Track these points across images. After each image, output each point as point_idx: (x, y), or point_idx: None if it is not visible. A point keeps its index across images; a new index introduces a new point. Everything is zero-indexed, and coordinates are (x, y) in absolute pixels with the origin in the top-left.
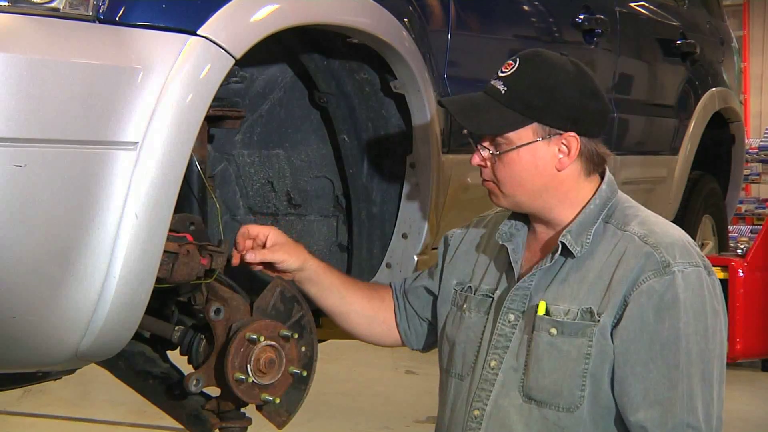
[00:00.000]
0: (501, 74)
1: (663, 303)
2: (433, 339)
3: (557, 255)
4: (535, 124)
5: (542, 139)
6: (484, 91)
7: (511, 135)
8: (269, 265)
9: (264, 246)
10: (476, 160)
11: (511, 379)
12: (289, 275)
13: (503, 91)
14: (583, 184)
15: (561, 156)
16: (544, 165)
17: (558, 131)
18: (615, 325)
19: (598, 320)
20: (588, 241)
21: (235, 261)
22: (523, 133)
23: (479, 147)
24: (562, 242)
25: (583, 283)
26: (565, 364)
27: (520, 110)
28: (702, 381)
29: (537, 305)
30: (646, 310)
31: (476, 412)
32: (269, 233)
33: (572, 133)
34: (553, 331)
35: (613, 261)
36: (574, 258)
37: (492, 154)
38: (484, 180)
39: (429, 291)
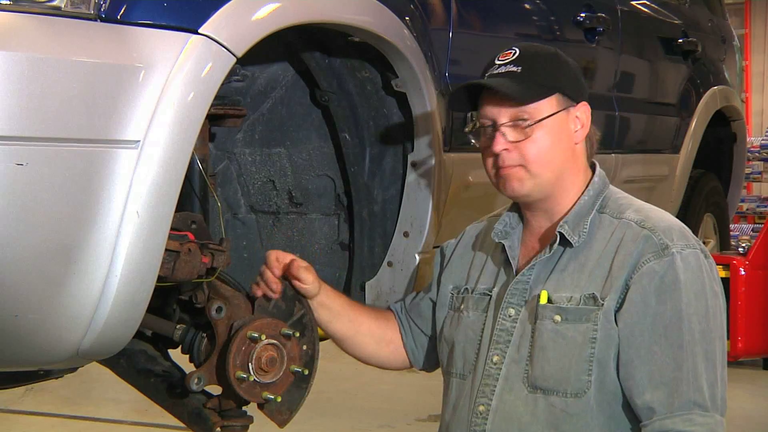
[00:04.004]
0: (506, 60)
1: (664, 284)
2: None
3: (556, 245)
4: (557, 95)
5: (563, 110)
6: (495, 75)
7: (537, 107)
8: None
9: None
10: (500, 145)
11: (514, 371)
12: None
13: (519, 70)
14: (583, 171)
15: (577, 128)
16: (566, 138)
17: (573, 102)
18: (618, 309)
19: (602, 304)
20: (585, 230)
21: (261, 291)
22: (547, 105)
23: (501, 131)
24: (560, 232)
25: (583, 271)
26: (571, 350)
27: (543, 82)
28: (705, 360)
29: (538, 296)
30: (648, 293)
31: (481, 408)
32: (294, 257)
33: (584, 103)
34: (557, 318)
35: (611, 248)
36: (572, 248)
37: (528, 125)
38: (507, 166)
39: (432, 302)
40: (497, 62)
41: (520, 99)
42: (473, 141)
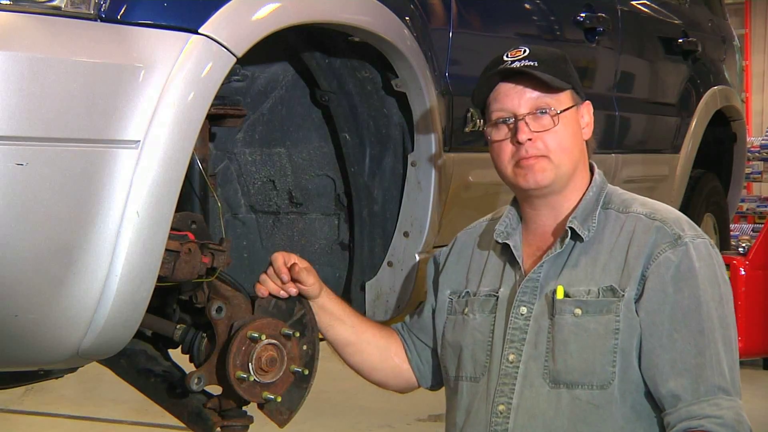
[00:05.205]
0: (518, 56)
1: (680, 273)
2: None
3: (567, 240)
4: (571, 90)
5: (575, 106)
6: (511, 69)
7: (557, 99)
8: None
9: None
10: (525, 134)
11: (533, 368)
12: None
13: (536, 64)
14: (587, 170)
15: (584, 126)
16: (579, 132)
17: (580, 100)
18: (637, 300)
19: (623, 295)
20: (593, 225)
21: (267, 288)
22: (565, 98)
23: (525, 121)
24: (570, 227)
25: (596, 265)
26: (594, 342)
27: (559, 76)
28: (724, 345)
29: (554, 291)
30: (665, 282)
31: (501, 407)
32: (296, 259)
33: (588, 102)
34: (578, 311)
35: (623, 241)
36: (582, 243)
37: (556, 113)
38: (531, 156)
39: (432, 312)
40: (507, 58)
41: (552, 85)
42: (488, 136)
